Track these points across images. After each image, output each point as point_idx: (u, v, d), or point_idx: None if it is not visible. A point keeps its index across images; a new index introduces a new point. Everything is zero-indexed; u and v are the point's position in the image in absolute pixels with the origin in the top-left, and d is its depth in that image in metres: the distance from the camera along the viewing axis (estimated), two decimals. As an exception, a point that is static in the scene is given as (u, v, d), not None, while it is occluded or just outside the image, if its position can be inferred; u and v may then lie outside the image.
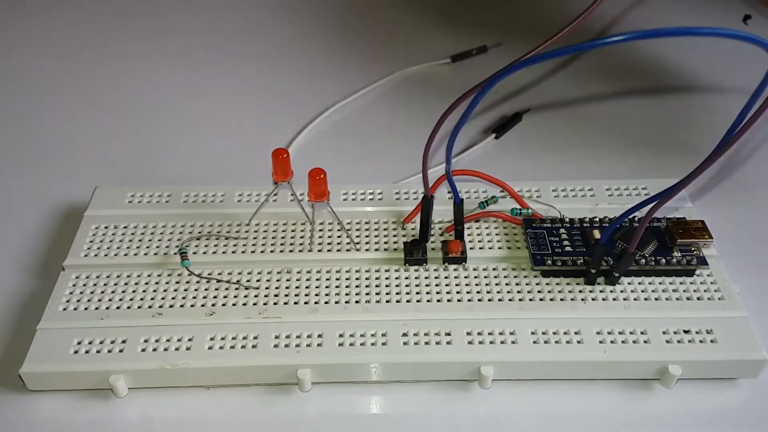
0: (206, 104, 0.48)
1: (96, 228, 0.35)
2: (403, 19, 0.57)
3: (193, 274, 0.33)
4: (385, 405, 0.30)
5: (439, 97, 0.38)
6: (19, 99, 0.48)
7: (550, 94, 0.48)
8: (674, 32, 0.21)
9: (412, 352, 0.29)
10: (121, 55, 0.53)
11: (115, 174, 0.42)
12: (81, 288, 0.32)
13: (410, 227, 0.35)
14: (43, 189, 0.41)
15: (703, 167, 0.25)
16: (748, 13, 0.56)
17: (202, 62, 0.52)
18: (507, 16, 0.57)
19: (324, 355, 0.29)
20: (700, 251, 0.32)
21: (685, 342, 0.30)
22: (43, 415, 0.29)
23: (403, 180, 0.39)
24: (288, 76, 0.50)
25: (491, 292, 0.32)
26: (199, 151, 0.44)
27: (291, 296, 0.32)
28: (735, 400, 0.30)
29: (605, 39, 0.21)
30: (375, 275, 0.33)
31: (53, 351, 0.29)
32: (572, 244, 0.33)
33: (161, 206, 0.36)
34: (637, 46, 0.44)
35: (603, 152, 0.43)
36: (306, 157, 0.42)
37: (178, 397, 0.30)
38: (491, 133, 0.43)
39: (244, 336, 0.30)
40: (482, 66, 0.50)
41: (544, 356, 0.29)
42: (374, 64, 0.51)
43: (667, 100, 0.48)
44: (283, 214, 0.36)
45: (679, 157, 0.42)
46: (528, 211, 0.35)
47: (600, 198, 0.37)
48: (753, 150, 0.44)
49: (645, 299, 0.31)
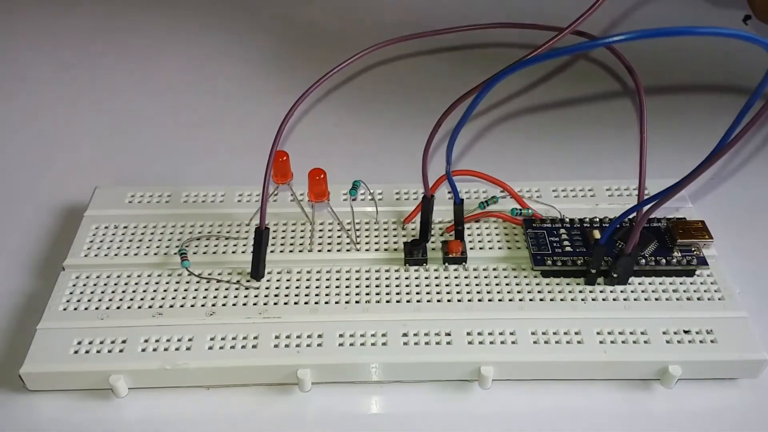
0: (206, 104, 0.48)
1: (96, 228, 0.35)
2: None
3: (193, 274, 0.33)
4: (385, 405, 0.30)
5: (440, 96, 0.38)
6: (19, 99, 0.48)
7: (550, 94, 0.48)
8: (674, 32, 0.21)
9: (412, 352, 0.29)
10: (122, 55, 0.53)
11: (115, 174, 0.42)
12: (81, 288, 0.32)
13: (410, 227, 0.35)
14: (43, 189, 0.41)
15: (703, 168, 0.25)
16: (749, 14, 0.56)
17: (202, 62, 0.52)
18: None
19: (324, 355, 0.29)
20: (700, 251, 0.32)
21: (685, 342, 0.30)
22: (43, 415, 0.29)
23: (403, 180, 0.39)
24: (288, 76, 0.50)
25: (491, 292, 0.32)
26: (199, 151, 0.44)
27: (291, 296, 0.32)
28: (735, 400, 0.30)
29: (605, 39, 0.21)
30: (375, 275, 0.33)
31: (53, 351, 0.29)
32: (572, 244, 0.33)
33: (161, 206, 0.36)
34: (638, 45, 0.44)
35: (603, 152, 0.43)
36: (306, 156, 0.42)
37: (178, 397, 0.30)
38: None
39: (244, 336, 0.30)
40: (482, 65, 0.50)
41: (544, 356, 0.29)
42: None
43: (667, 100, 0.48)
44: (283, 214, 0.36)
45: (679, 157, 0.42)
46: (528, 211, 0.35)
47: (600, 198, 0.37)
48: (753, 150, 0.44)
49: (645, 299, 0.31)
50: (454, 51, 0.53)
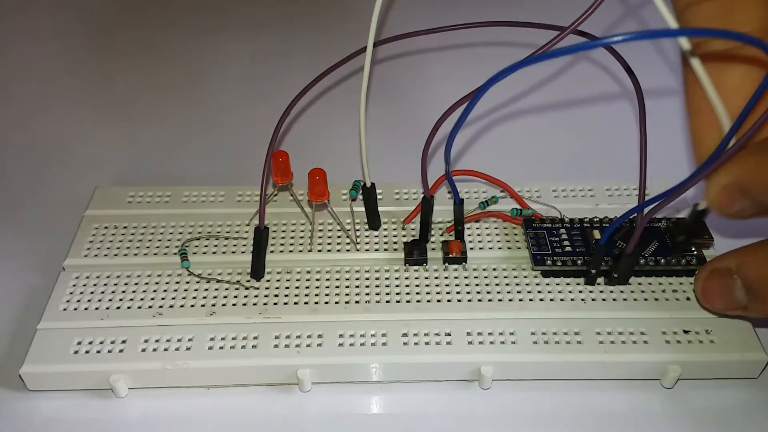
0: (206, 104, 0.48)
1: (96, 228, 0.35)
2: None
3: (193, 274, 0.33)
4: (385, 405, 0.30)
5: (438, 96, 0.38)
6: (19, 98, 0.48)
7: (550, 94, 0.48)
8: (675, 33, 0.21)
9: (412, 352, 0.29)
10: (122, 55, 0.53)
11: (115, 174, 0.42)
12: (81, 288, 0.32)
13: (410, 227, 0.35)
14: (43, 189, 0.41)
15: (703, 169, 0.25)
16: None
17: (202, 61, 0.52)
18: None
19: (324, 355, 0.29)
20: (700, 251, 0.32)
21: (685, 342, 0.30)
22: (43, 415, 0.29)
23: (403, 180, 0.39)
24: (289, 76, 0.50)
25: (491, 292, 0.32)
26: (199, 151, 0.44)
27: (291, 296, 0.32)
28: (735, 400, 0.30)
29: (606, 39, 0.21)
30: (375, 275, 0.33)
31: (53, 351, 0.29)
32: (572, 245, 0.33)
33: (161, 206, 0.36)
34: (638, 46, 0.44)
35: (603, 152, 0.43)
36: (306, 156, 0.42)
37: (178, 397, 0.30)
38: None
39: (244, 336, 0.30)
40: (482, 64, 0.50)
41: (544, 356, 0.29)
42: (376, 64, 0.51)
43: (667, 101, 0.48)
44: (283, 214, 0.36)
45: (679, 156, 0.42)
46: (528, 211, 0.35)
47: (600, 198, 0.37)
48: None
49: (645, 299, 0.31)
50: (453, 50, 0.53)
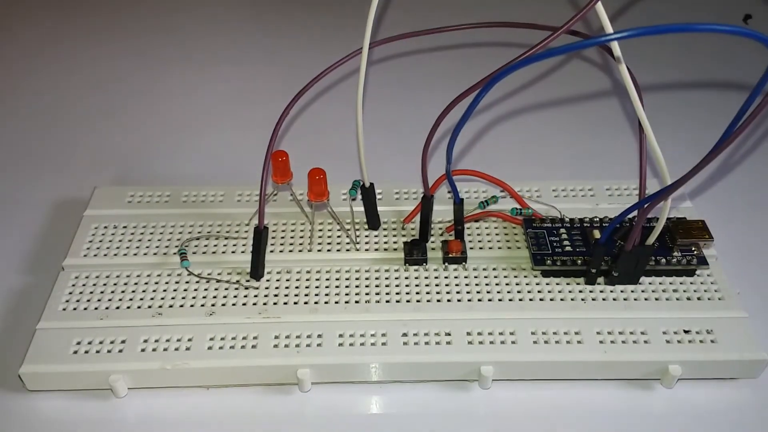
0: (206, 104, 0.48)
1: (96, 228, 0.35)
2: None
3: (192, 274, 0.33)
4: (385, 405, 0.30)
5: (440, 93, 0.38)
6: (19, 99, 0.48)
7: (549, 93, 0.48)
8: (673, 29, 0.21)
9: (412, 352, 0.29)
10: (122, 55, 0.53)
11: (115, 174, 0.42)
12: (80, 288, 0.32)
13: (410, 227, 0.35)
14: (43, 189, 0.41)
15: (701, 165, 0.25)
16: (749, 12, 0.56)
17: (202, 62, 0.52)
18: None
19: (324, 355, 0.29)
20: (700, 251, 0.32)
21: (685, 342, 0.30)
22: (43, 415, 0.29)
23: (403, 180, 0.39)
24: (289, 76, 0.50)
25: (491, 292, 0.32)
26: (199, 151, 0.44)
27: (291, 296, 0.32)
28: (735, 400, 0.30)
29: (604, 36, 0.21)
30: (375, 275, 0.33)
31: (53, 351, 0.29)
32: (572, 244, 0.33)
33: (161, 206, 0.36)
34: (637, 43, 0.44)
35: (603, 152, 0.43)
36: (306, 156, 0.42)
37: (178, 397, 0.30)
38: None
39: (244, 336, 0.30)
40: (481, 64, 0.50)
41: (544, 356, 0.29)
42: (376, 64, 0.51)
43: (666, 98, 0.48)
44: (283, 214, 0.36)
45: (679, 155, 0.42)
46: (528, 211, 0.35)
47: (600, 198, 0.37)
48: (753, 148, 0.43)
49: (645, 299, 0.31)
50: (452, 50, 0.53)
